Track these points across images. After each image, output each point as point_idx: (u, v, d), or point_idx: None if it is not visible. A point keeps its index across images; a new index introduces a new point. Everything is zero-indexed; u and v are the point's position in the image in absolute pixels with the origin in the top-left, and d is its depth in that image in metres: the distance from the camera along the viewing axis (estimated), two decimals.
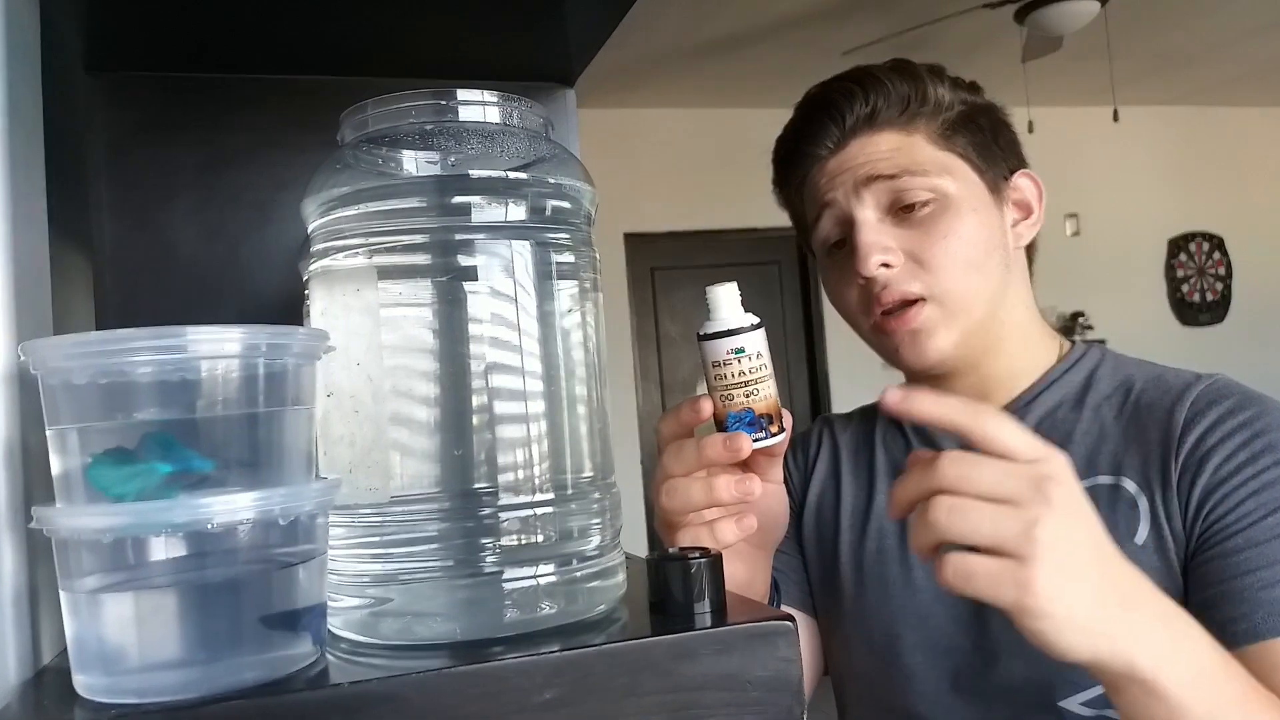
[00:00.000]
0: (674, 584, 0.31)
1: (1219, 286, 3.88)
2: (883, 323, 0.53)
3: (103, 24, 0.46)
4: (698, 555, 0.32)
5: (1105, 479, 0.51)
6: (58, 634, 0.31)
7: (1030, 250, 0.58)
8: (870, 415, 0.64)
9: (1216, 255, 3.88)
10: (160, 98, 0.51)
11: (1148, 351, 0.62)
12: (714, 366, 0.38)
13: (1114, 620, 0.34)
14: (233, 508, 0.26)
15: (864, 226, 0.52)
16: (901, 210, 0.53)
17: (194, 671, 0.26)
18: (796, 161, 0.56)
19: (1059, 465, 0.34)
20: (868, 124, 0.53)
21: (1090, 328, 3.50)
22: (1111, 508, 0.51)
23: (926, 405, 0.35)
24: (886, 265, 0.52)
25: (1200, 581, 0.48)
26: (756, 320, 0.38)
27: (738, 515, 0.39)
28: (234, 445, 0.28)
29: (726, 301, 0.38)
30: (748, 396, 0.38)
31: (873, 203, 0.53)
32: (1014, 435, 0.34)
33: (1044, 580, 0.32)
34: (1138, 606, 0.35)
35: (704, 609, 0.31)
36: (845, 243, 0.54)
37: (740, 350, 0.37)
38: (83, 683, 0.27)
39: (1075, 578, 0.33)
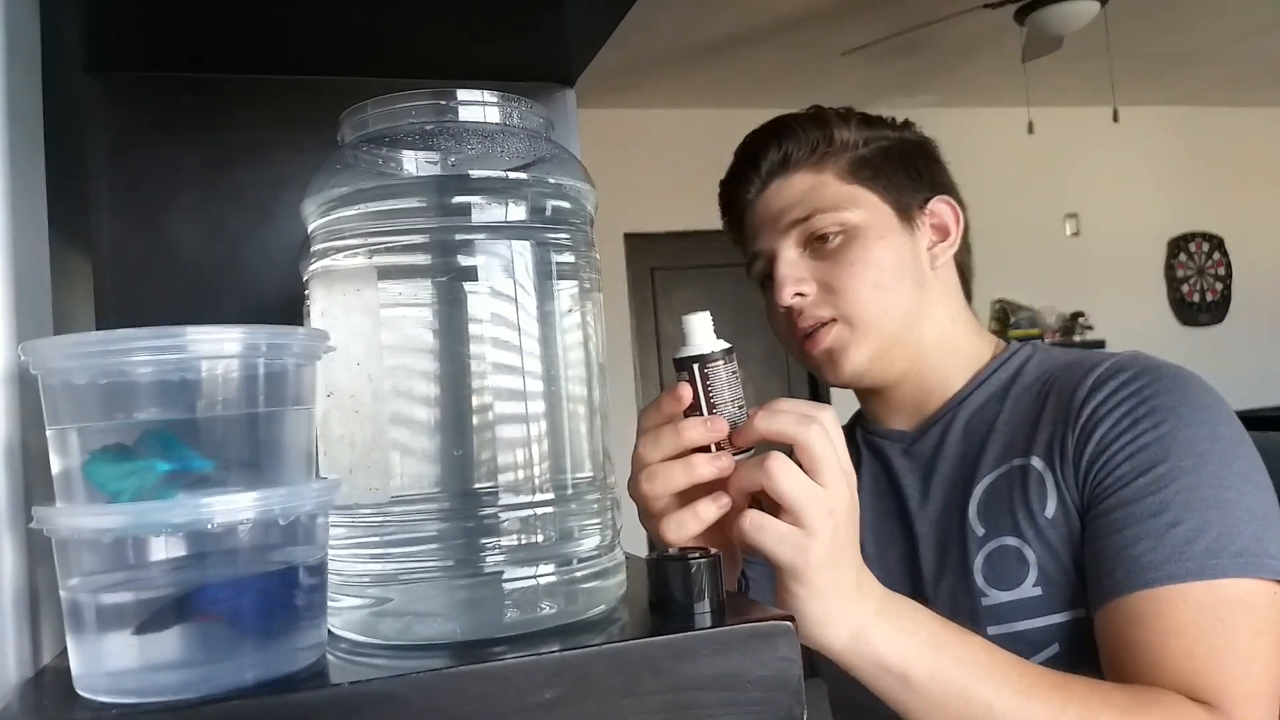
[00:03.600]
0: (674, 584, 0.31)
1: (1219, 287, 3.88)
2: (802, 344, 0.59)
3: (102, 25, 0.46)
4: (697, 555, 0.32)
5: (1018, 461, 0.55)
6: (58, 634, 0.31)
7: (963, 268, 0.63)
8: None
9: (1216, 255, 3.89)
10: (160, 98, 0.51)
11: (1147, 351, 0.63)
12: (727, 379, 0.41)
13: (864, 612, 0.40)
14: (233, 508, 0.26)
15: (781, 262, 0.58)
16: (816, 242, 0.58)
17: (194, 671, 0.26)
18: (731, 205, 0.63)
19: (854, 484, 0.40)
20: (782, 168, 0.59)
21: (1090, 328, 3.50)
22: (1024, 487, 0.54)
23: (783, 404, 0.40)
24: (801, 294, 0.58)
25: (1085, 543, 0.51)
26: (717, 349, 0.41)
27: (714, 494, 0.41)
28: (234, 445, 0.28)
29: (699, 328, 0.41)
30: (740, 406, 0.41)
31: (791, 241, 0.59)
32: (842, 441, 0.40)
33: (818, 552, 0.38)
34: (880, 608, 0.41)
35: (704, 609, 0.31)
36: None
37: (700, 375, 0.40)
38: (83, 682, 0.27)
39: (842, 566, 0.39)
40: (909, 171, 0.60)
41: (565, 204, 0.33)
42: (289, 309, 0.35)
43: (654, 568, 0.32)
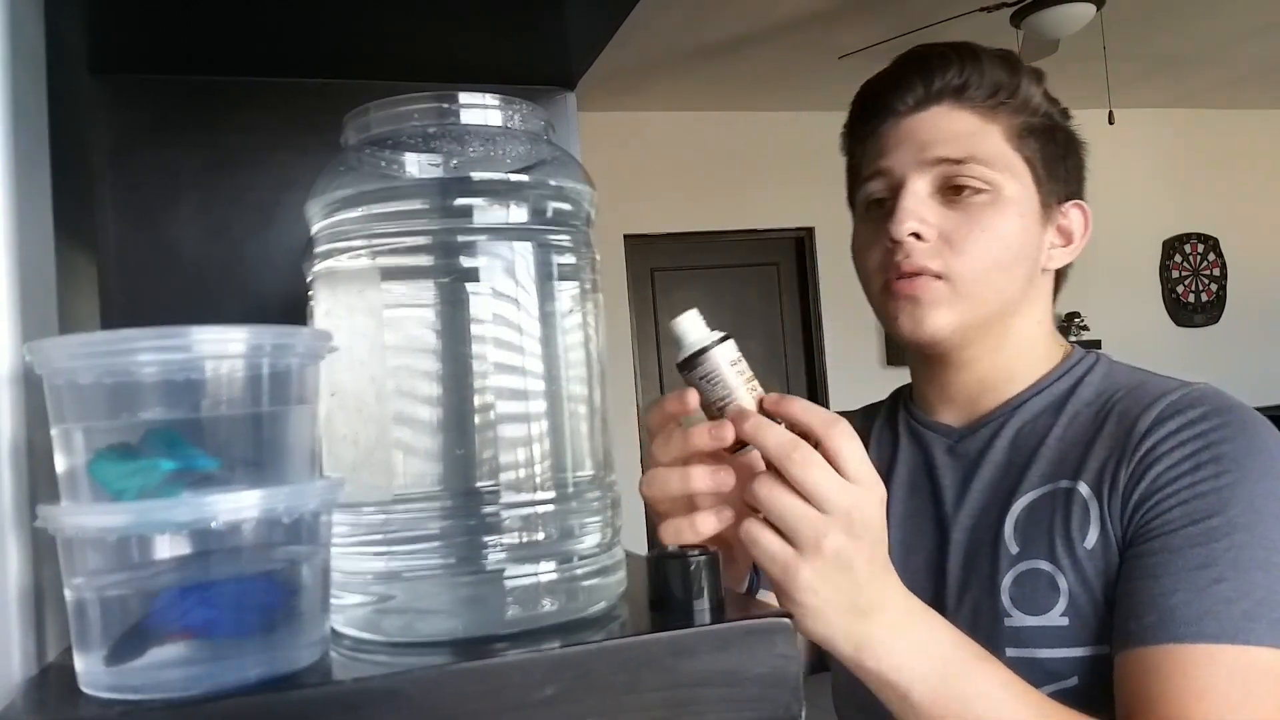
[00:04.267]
0: (673, 582, 0.32)
1: (1214, 287, 3.89)
2: (892, 283, 0.53)
3: (107, 27, 0.47)
4: (697, 553, 0.32)
5: (1064, 483, 0.52)
6: (62, 631, 0.31)
7: (1060, 278, 0.59)
8: (871, 413, 0.65)
9: (1211, 256, 3.90)
10: (164, 100, 0.51)
11: (1142, 352, 0.63)
12: (726, 370, 0.40)
13: (871, 627, 0.39)
14: (237, 506, 0.27)
15: (910, 194, 0.52)
16: (951, 190, 0.52)
17: (198, 668, 0.27)
18: (875, 110, 0.56)
19: (872, 500, 0.39)
20: (955, 95, 0.53)
21: (1086, 328, 3.51)
22: (1066, 511, 0.51)
23: (795, 407, 0.39)
24: (917, 236, 0.52)
25: (1118, 580, 0.49)
26: (712, 340, 0.41)
27: (716, 508, 0.40)
28: (238, 444, 0.28)
29: (691, 326, 0.40)
30: (752, 393, 0.40)
31: (930, 177, 0.53)
32: (853, 457, 0.38)
33: (806, 575, 0.38)
34: (892, 625, 0.40)
35: (703, 606, 0.31)
36: (886, 203, 0.54)
37: (705, 372, 0.40)
38: (87, 679, 0.27)
39: (835, 588, 0.38)
40: (1064, 164, 0.56)
41: (566, 206, 0.34)
42: (291, 309, 0.36)
43: (654, 565, 0.33)
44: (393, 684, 0.27)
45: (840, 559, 0.38)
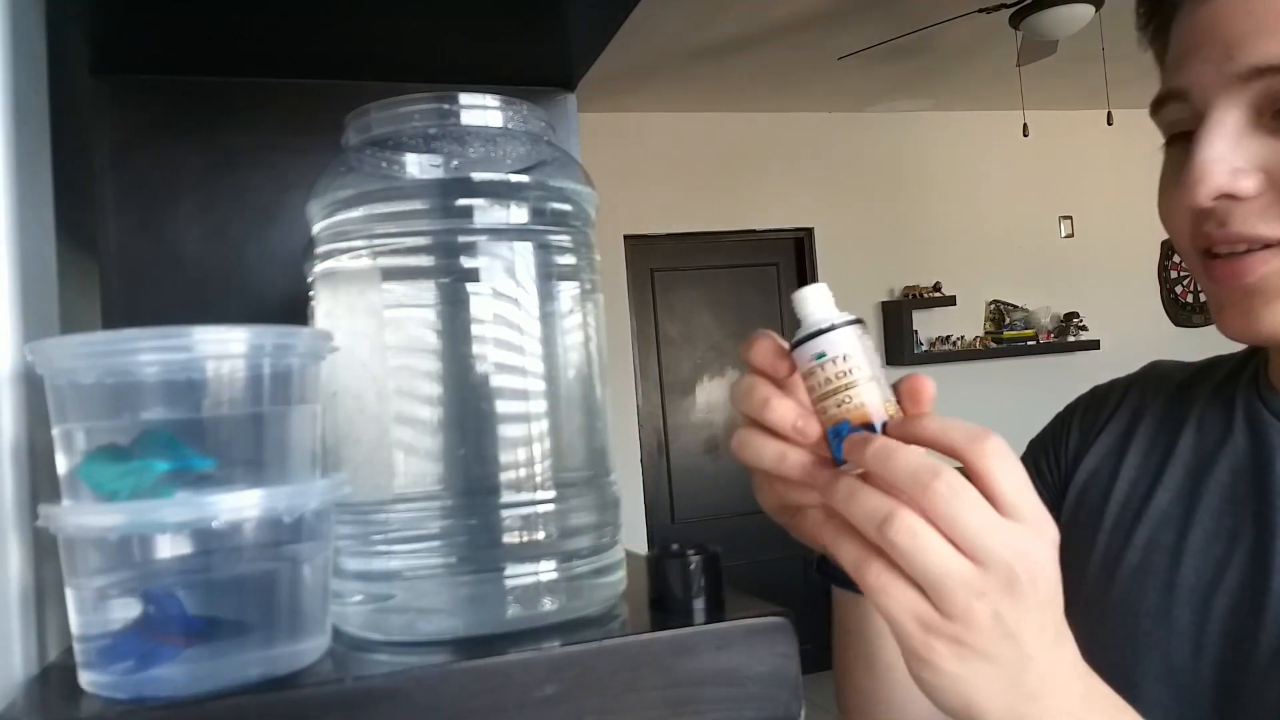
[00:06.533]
0: (673, 581, 0.32)
1: None
2: (1209, 266, 0.38)
3: (108, 27, 0.47)
4: (696, 553, 0.32)
5: None
6: (64, 630, 0.31)
7: None
8: (1203, 375, 0.47)
9: None
10: (165, 100, 0.51)
11: (1141, 352, 0.62)
12: (803, 379, 0.32)
13: (1036, 712, 0.30)
14: (237, 506, 0.27)
15: (1210, 134, 0.35)
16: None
17: (199, 668, 0.27)
18: (1157, 2, 0.39)
19: (1041, 545, 0.29)
20: None
21: (1085, 329, 3.52)
22: None
23: (930, 427, 0.30)
24: (1231, 196, 0.36)
25: None
26: (840, 319, 0.32)
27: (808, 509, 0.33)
28: (239, 444, 0.28)
29: (814, 301, 0.32)
30: (839, 406, 0.32)
31: (1242, 98, 0.35)
32: (1013, 485, 0.29)
33: (954, 647, 0.29)
34: (1070, 712, 0.30)
35: (702, 605, 0.31)
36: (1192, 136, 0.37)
37: (821, 355, 0.32)
38: (88, 679, 0.27)
39: (992, 663, 0.29)
40: None
41: (566, 206, 0.34)
42: (292, 310, 0.36)
43: (653, 565, 0.33)
44: (394, 683, 0.27)
45: (1002, 626, 0.28)
